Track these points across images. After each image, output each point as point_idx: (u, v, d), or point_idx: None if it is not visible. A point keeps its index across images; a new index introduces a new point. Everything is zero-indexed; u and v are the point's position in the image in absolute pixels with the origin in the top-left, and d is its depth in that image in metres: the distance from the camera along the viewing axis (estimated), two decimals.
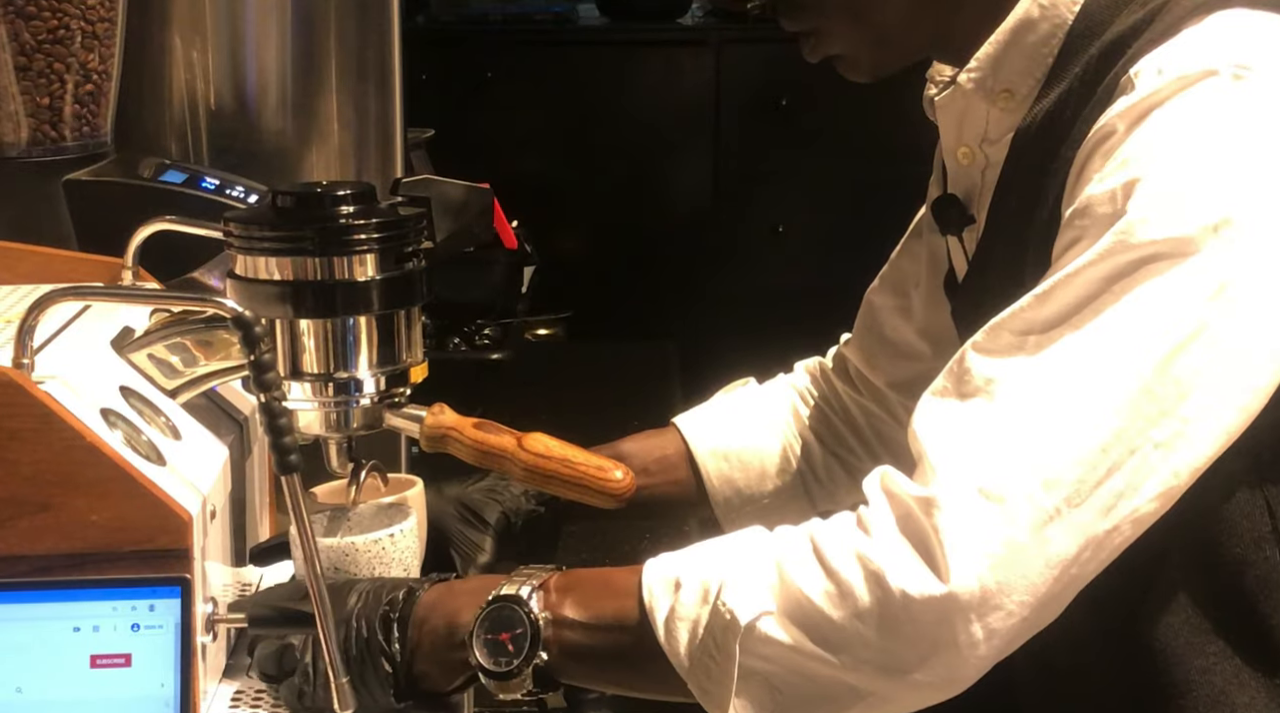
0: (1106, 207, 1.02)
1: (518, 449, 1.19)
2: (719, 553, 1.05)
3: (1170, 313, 1.00)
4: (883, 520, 0.99)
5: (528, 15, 3.45)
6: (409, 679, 1.10)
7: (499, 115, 3.30)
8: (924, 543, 0.96)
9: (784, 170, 3.37)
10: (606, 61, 3.41)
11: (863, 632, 0.97)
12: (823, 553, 0.99)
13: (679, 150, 3.40)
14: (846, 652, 0.97)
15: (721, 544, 1.06)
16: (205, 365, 1.22)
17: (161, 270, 1.40)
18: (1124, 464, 0.99)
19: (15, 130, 1.50)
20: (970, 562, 0.95)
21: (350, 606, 1.11)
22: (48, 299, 1.08)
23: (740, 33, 3.33)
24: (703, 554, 1.05)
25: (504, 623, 1.07)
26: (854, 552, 0.98)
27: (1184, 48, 1.05)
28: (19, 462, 1.03)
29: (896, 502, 0.99)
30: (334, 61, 1.66)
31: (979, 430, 1.00)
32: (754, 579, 1.00)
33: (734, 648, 0.99)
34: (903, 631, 0.96)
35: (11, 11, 1.47)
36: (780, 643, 0.98)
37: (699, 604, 1.01)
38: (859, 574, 0.97)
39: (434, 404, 1.22)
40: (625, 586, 1.06)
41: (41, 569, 1.04)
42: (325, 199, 1.18)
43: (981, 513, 0.96)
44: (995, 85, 1.18)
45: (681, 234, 3.40)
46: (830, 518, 1.02)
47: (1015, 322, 1.03)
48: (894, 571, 0.96)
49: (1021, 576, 0.97)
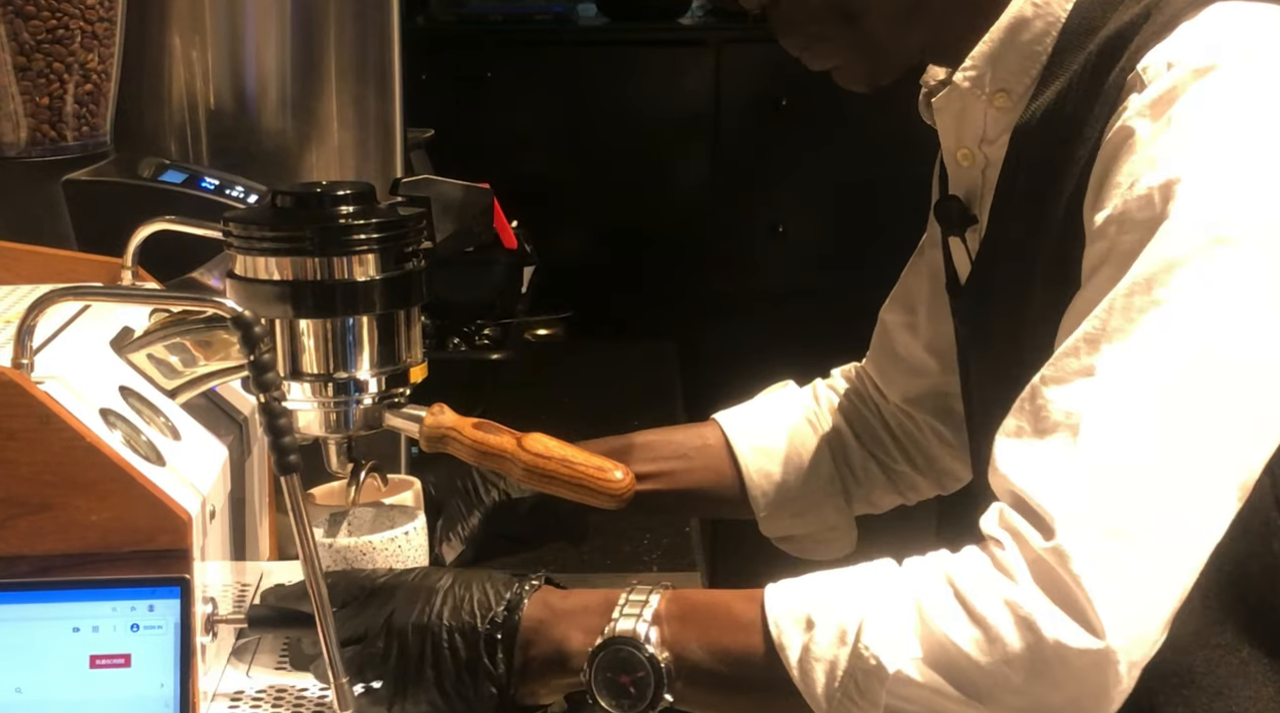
0: (1145, 212, 1.02)
1: (518, 449, 1.19)
2: (849, 590, 1.04)
3: (1230, 311, 1.00)
4: (1020, 566, 0.98)
5: (528, 15, 3.45)
6: (514, 699, 1.09)
7: (499, 115, 3.30)
8: (1067, 595, 0.96)
9: (784, 170, 3.36)
10: (606, 61, 3.40)
11: (1011, 678, 0.97)
12: (966, 598, 0.98)
13: (679, 150, 3.40)
14: (992, 697, 0.98)
15: (848, 580, 1.05)
16: (205, 365, 1.22)
17: (161, 270, 1.40)
18: (1214, 469, 1.00)
19: (15, 130, 1.50)
20: (1119, 613, 0.96)
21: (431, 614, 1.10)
22: (47, 299, 1.08)
23: (740, 33, 3.33)
24: (830, 590, 1.05)
25: (623, 665, 1.06)
26: (1002, 599, 0.97)
27: (1189, 40, 1.05)
28: (19, 462, 1.03)
29: (1026, 548, 0.98)
30: (334, 61, 1.65)
31: (1078, 471, 0.99)
32: (895, 622, 1.00)
33: (879, 693, 0.99)
34: (1054, 677, 0.96)
35: (11, 11, 1.47)
36: (924, 687, 0.98)
37: (836, 645, 1.01)
38: (1009, 621, 0.97)
39: (434, 404, 1.22)
40: (747, 618, 1.06)
41: (41, 569, 1.04)
42: (325, 199, 1.18)
43: (1114, 559, 0.96)
44: (991, 84, 1.18)
45: (681, 234, 3.40)
46: (960, 556, 1.01)
47: (1079, 348, 1.02)
48: (1045, 620, 0.96)
49: (1159, 610, 0.98)
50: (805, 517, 1.47)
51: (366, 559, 1.18)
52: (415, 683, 1.10)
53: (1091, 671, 0.96)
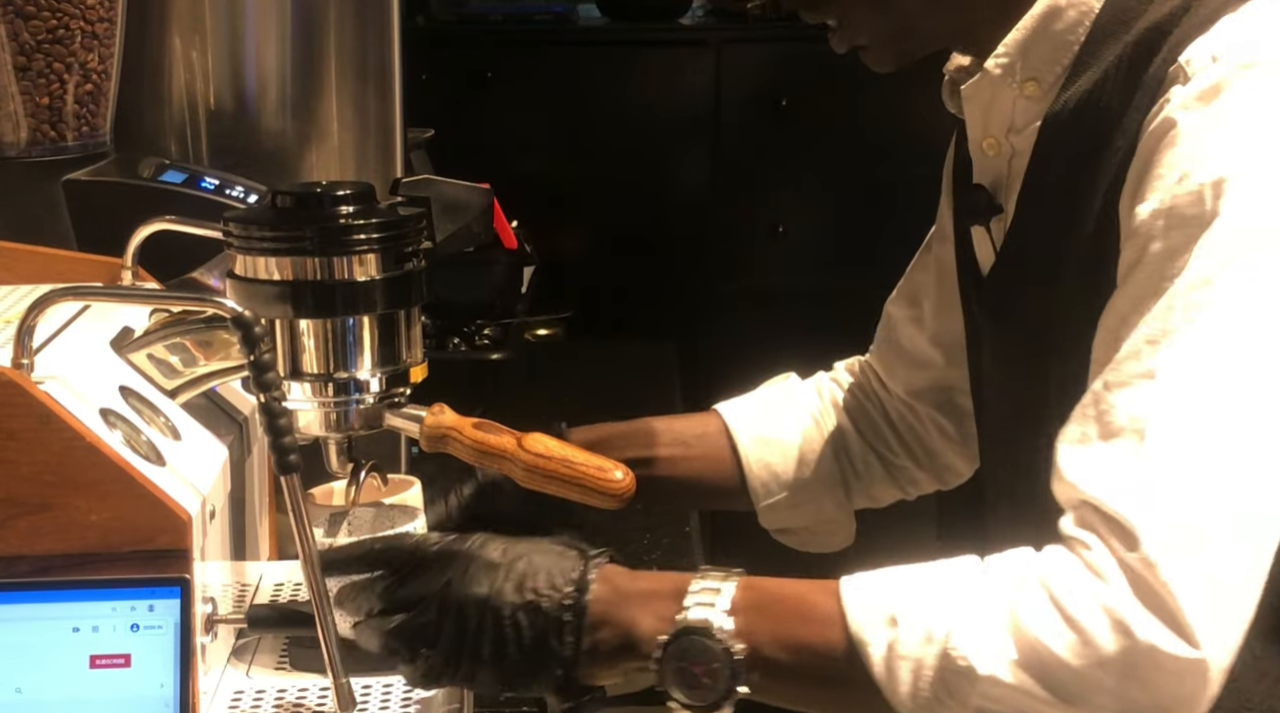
0: (1194, 208, 1.02)
1: (518, 449, 1.19)
2: (933, 588, 1.03)
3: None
4: (1113, 570, 0.98)
5: (528, 15, 3.45)
6: (576, 680, 1.08)
7: (499, 115, 3.30)
8: (1159, 602, 0.96)
9: (784, 170, 3.36)
10: (606, 61, 3.41)
11: (1104, 681, 0.97)
12: (1061, 602, 0.98)
13: (679, 150, 3.40)
14: (1083, 700, 0.98)
15: (932, 578, 1.04)
16: (205, 365, 1.22)
17: (161, 270, 1.40)
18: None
19: (15, 130, 1.50)
20: (1210, 619, 0.96)
21: (494, 588, 1.07)
22: (47, 299, 1.08)
23: (740, 33, 3.32)
24: (912, 586, 1.04)
25: (697, 655, 1.05)
26: (1098, 603, 0.97)
27: (1232, 34, 1.06)
28: (19, 462, 1.03)
29: (1116, 553, 0.98)
30: (334, 61, 1.65)
31: (1150, 477, 0.99)
32: (985, 625, 0.99)
33: (969, 695, 0.99)
34: (1146, 680, 0.96)
35: (11, 11, 1.47)
36: (1015, 689, 0.98)
37: (922, 645, 1.00)
38: (1104, 625, 0.97)
39: (434, 404, 1.22)
40: (826, 612, 1.04)
41: (41, 569, 1.04)
42: (325, 199, 1.18)
43: (1199, 565, 0.97)
44: (1022, 73, 1.18)
45: (681, 234, 3.40)
46: (1050, 558, 1.01)
47: (1139, 351, 1.02)
48: (1140, 624, 0.96)
49: (1243, 612, 0.99)
50: (803, 509, 1.47)
51: None
52: (471, 658, 1.07)
53: (1185, 676, 0.96)
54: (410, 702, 1.16)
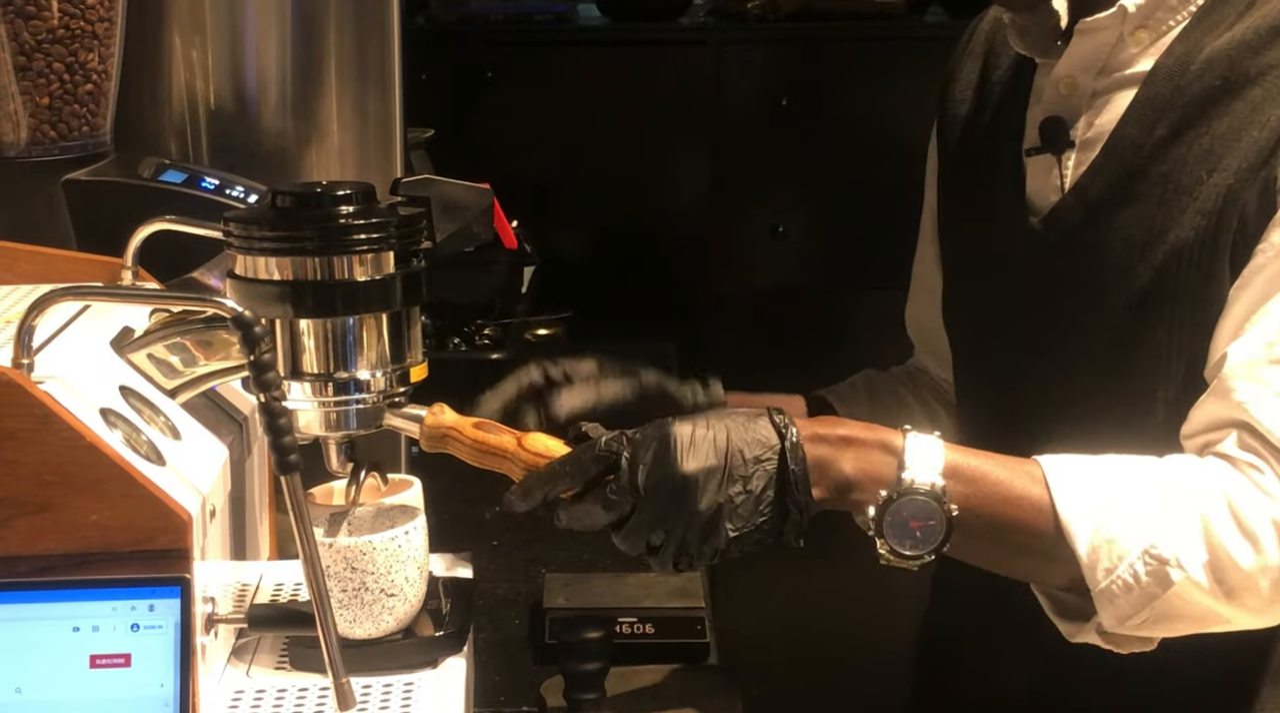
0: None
1: (518, 449, 1.19)
2: (1134, 485, 1.19)
3: None
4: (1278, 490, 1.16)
5: (528, 15, 3.44)
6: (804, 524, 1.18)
7: (499, 115, 3.29)
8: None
9: (784, 170, 3.36)
10: (606, 61, 3.40)
11: (1261, 585, 1.16)
12: (1240, 514, 1.16)
13: (679, 150, 3.39)
14: (1238, 597, 1.17)
15: (1127, 474, 1.20)
16: (205, 365, 1.22)
17: (161, 270, 1.40)
18: None
19: (15, 130, 1.50)
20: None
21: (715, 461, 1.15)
22: (48, 299, 1.08)
23: (740, 33, 3.32)
24: (1113, 480, 1.19)
25: (916, 513, 1.17)
26: (1269, 517, 1.16)
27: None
28: (19, 462, 1.03)
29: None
30: (334, 61, 1.65)
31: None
32: (1183, 527, 1.16)
33: (1168, 584, 1.16)
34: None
35: (11, 11, 1.47)
36: (1196, 584, 1.16)
37: (1127, 534, 1.17)
38: (1274, 538, 1.16)
39: (434, 404, 1.22)
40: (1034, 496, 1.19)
41: (41, 569, 1.04)
42: (325, 199, 1.18)
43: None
44: (1138, 20, 1.28)
45: (681, 234, 3.39)
46: (1225, 471, 1.18)
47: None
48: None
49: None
50: None
51: (366, 559, 1.18)
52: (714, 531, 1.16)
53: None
54: (410, 702, 1.16)
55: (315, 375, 1.18)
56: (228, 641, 1.21)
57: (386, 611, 1.20)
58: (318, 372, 1.18)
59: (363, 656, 1.18)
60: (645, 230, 3.41)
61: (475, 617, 1.32)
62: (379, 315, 1.18)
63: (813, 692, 3.14)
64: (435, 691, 1.17)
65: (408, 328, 1.21)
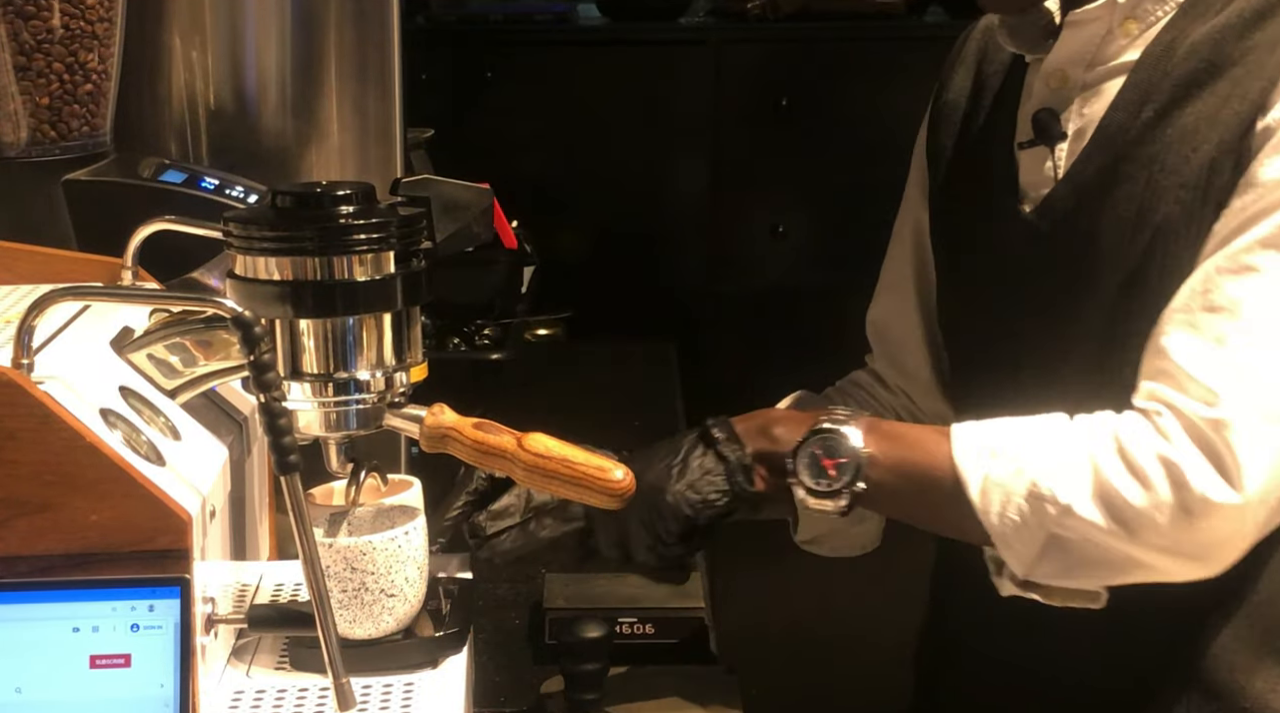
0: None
1: (518, 449, 1.19)
2: (1025, 432, 1.24)
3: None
4: (1176, 430, 1.18)
5: (528, 15, 3.44)
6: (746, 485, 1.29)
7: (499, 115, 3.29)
8: (1218, 457, 1.17)
9: (784, 171, 3.36)
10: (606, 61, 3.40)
11: (1159, 520, 1.18)
12: (1128, 452, 1.19)
13: (679, 150, 3.39)
14: (1138, 535, 1.19)
15: (1024, 425, 1.25)
16: (205, 365, 1.22)
17: (161, 270, 1.40)
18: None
19: (15, 130, 1.50)
20: (1262, 478, 1.17)
21: (671, 479, 1.29)
22: (48, 299, 1.08)
23: (740, 33, 3.32)
24: (1008, 430, 1.25)
25: (829, 450, 1.27)
26: (1156, 454, 1.18)
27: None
28: (19, 462, 1.03)
29: (1183, 417, 1.18)
30: (334, 61, 1.65)
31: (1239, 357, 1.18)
32: (1067, 465, 1.21)
33: (1047, 521, 1.20)
34: (1196, 525, 1.17)
35: (11, 11, 1.47)
36: (1087, 521, 1.20)
37: (1014, 476, 1.22)
38: (1162, 475, 1.18)
39: (434, 404, 1.22)
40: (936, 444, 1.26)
41: (41, 569, 1.04)
42: (325, 199, 1.18)
43: (1265, 434, 1.17)
44: (1125, 10, 1.31)
45: (681, 234, 3.40)
46: (1123, 418, 1.22)
47: (1251, 248, 1.19)
48: (1195, 476, 1.17)
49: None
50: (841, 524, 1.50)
51: (366, 559, 1.18)
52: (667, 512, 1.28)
53: (1227, 524, 1.17)
54: (410, 702, 1.16)
55: (315, 376, 1.18)
56: (228, 641, 1.21)
57: (386, 611, 1.20)
58: (318, 372, 1.18)
59: (363, 656, 1.18)
60: (645, 230, 3.41)
61: (475, 617, 1.32)
62: (379, 315, 1.18)
63: (813, 692, 3.14)
64: (435, 691, 1.17)
65: (408, 328, 1.21)
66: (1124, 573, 1.22)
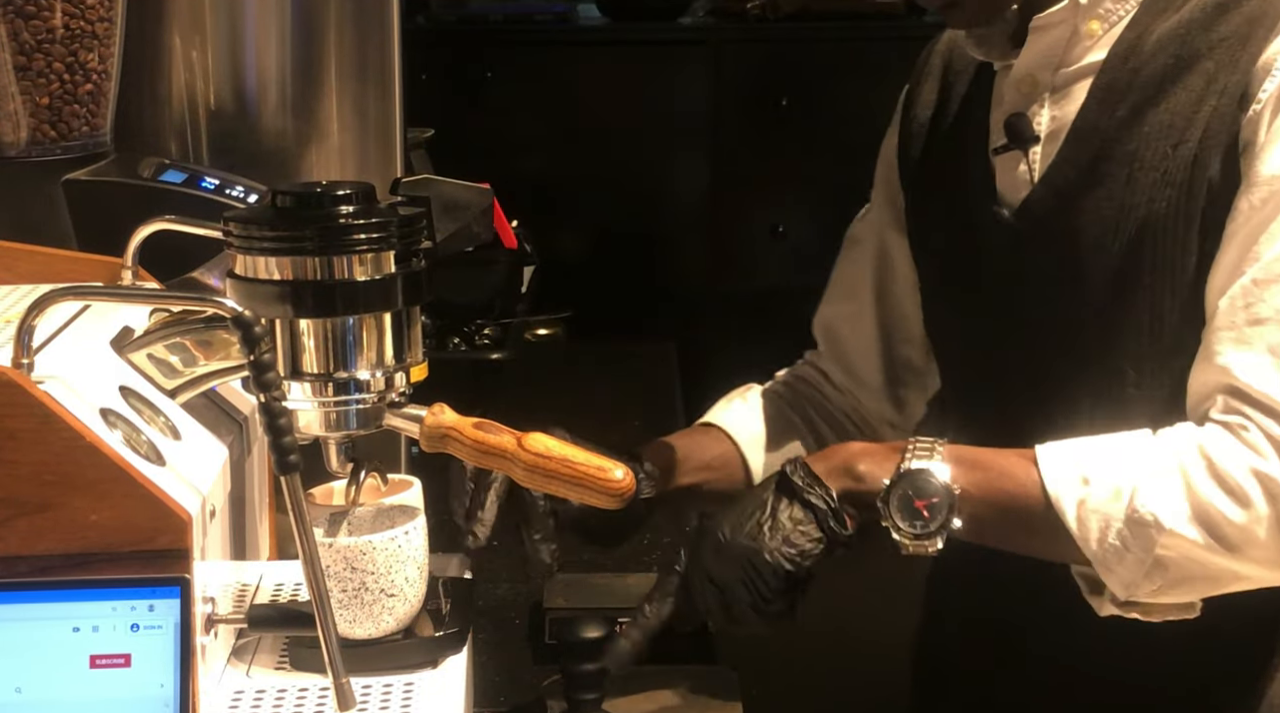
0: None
1: (518, 449, 1.19)
2: (1117, 455, 1.23)
3: None
4: (1263, 443, 1.19)
5: (528, 15, 3.45)
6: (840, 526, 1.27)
7: (499, 115, 3.30)
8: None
9: (784, 171, 3.36)
10: (606, 61, 3.40)
11: (1259, 535, 1.19)
12: (1219, 468, 1.20)
13: (679, 150, 3.40)
14: (1241, 550, 1.19)
15: (1113, 447, 1.24)
16: (205, 365, 1.22)
17: (161, 270, 1.40)
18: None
19: (15, 130, 1.50)
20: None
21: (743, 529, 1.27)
22: (47, 299, 1.08)
23: (740, 33, 3.32)
24: (1099, 454, 1.24)
25: (919, 491, 1.24)
26: (1250, 469, 1.19)
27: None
28: (19, 462, 1.03)
29: (1267, 431, 1.19)
30: (334, 61, 1.65)
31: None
32: (1164, 486, 1.20)
33: (1152, 544, 1.20)
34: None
35: (11, 11, 1.47)
36: (1188, 540, 1.19)
37: (1110, 501, 1.21)
38: (1259, 490, 1.18)
39: (434, 404, 1.22)
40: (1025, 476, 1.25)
41: (41, 569, 1.04)
42: (325, 199, 1.18)
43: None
44: (1088, 13, 1.31)
45: (681, 234, 3.40)
46: (1209, 433, 1.21)
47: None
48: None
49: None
50: None
51: (366, 559, 1.18)
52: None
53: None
54: (410, 702, 1.16)
55: (315, 375, 1.18)
56: (228, 641, 1.21)
57: (386, 611, 1.20)
58: (318, 372, 1.18)
59: (363, 656, 1.18)
60: (645, 230, 3.42)
61: (475, 617, 1.32)
62: (379, 315, 1.18)
63: (813, 692, 3.14)
64: (435, 691, 1.17)
65: (408, 328, 1.21)
66: (1224, 586, 1.23)
